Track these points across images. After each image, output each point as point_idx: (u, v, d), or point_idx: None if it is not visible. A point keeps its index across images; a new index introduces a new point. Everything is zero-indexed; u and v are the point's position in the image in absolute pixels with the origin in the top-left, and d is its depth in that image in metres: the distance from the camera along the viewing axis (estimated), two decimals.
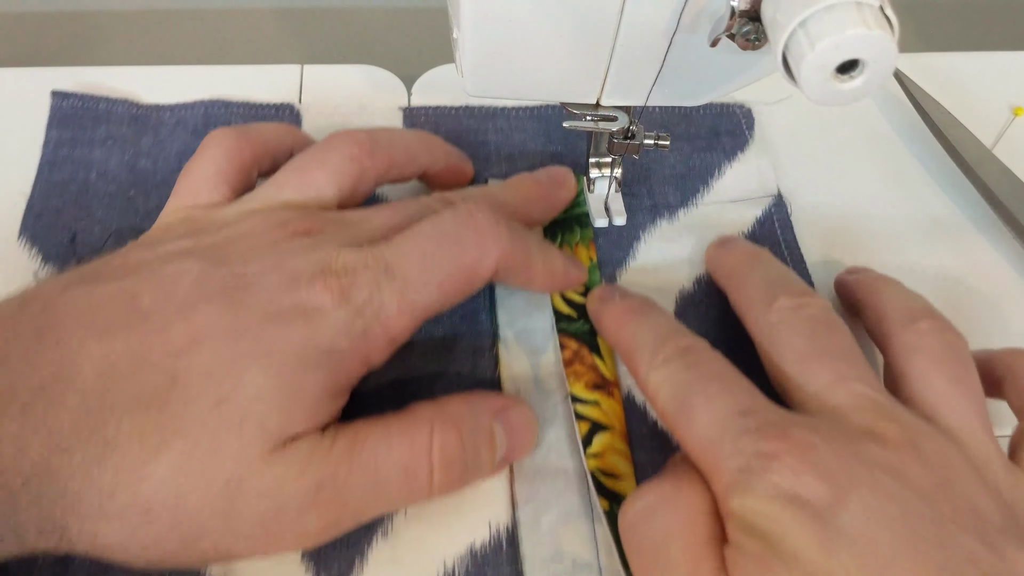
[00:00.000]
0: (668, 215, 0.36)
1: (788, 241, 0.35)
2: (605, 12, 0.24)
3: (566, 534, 0.27)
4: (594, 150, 0.34)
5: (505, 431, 0.27)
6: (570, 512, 0.28)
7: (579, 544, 0.27)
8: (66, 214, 0.34)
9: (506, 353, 0.31)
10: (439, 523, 0.28)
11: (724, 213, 0.36)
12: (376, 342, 0.25)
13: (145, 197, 0.35)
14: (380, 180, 0.31)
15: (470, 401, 0.27)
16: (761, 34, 0.23)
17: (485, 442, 0.27)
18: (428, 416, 0.26)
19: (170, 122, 0.37)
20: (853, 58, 0.20)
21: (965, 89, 0.41)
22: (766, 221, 0.36)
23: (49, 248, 0.33)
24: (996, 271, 0.35)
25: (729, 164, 0.38)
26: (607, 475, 0.28)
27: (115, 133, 0.37)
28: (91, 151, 0.36)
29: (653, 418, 0.30)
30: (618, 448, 0.29)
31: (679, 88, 0.28)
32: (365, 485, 0.24)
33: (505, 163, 0.37)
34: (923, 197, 0.38)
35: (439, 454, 0.25)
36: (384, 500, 0.25)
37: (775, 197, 0.37)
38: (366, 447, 0.24)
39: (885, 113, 0.41)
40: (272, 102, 0.38)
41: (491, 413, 0.27)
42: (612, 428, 0.29)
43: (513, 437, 0.28)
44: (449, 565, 0.27)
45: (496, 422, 0.27)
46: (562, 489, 0.28)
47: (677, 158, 0.38)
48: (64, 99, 0.37)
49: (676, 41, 0.25)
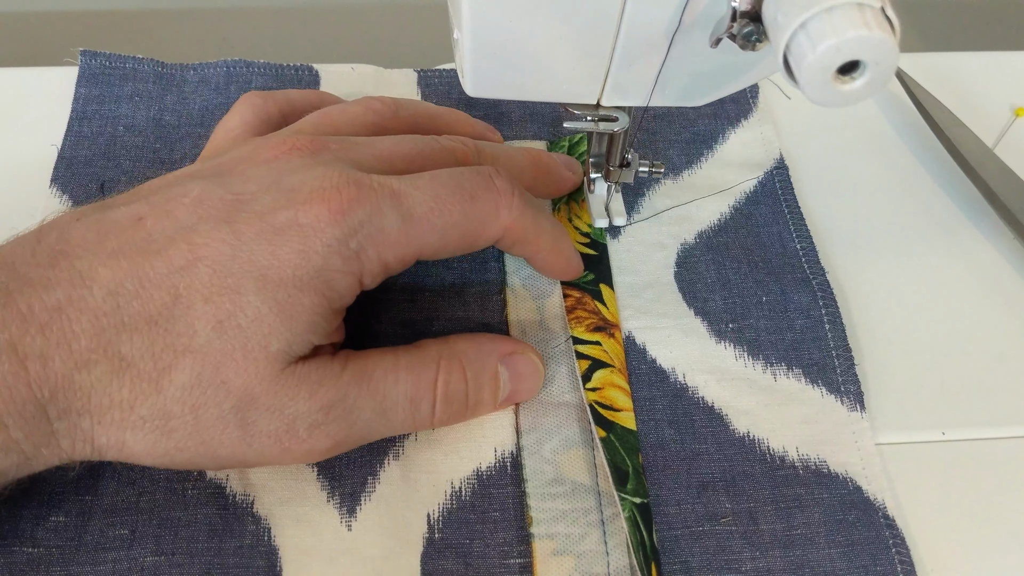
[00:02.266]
0: (673, 175, 0.38)
1: (789, 202, 0.37)
2: (605, 13, 0.24)
3: (566, 460, 0.29)
4: (594, 150, 0.34)
5: (510, 375, 0.28)
6: (570, 440, 0.29)
7: (578, 469, 0.29)
8: (95, 164, 0.36)
9: (513, 298, 0.33)
10: (449, 448, 0.29)
11: (727, 175, 0.38)
12: (370, 264, 0.25)
13: (169, 150, 0.37)
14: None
15: (478, 342, 0.28)
16: (762, 35, 0.22)
17: (488, 382, 0.28)
18: (436, 352, 0.27)
19: (193, 80, 0.39)
20: (854, 59, 0.20)
21: (966, 89, 0.41)
22: (768, 183, 0.37)
23: (79, 195, 0.35)
24: (996, 271, 0.35)
25: (733, 130, 0.39)
26: (605, 407, 0.30)
27: (141, 90, 0.39)
28: (118, 107, 0.38)
29: (652, 356, 0.32)
30: (617, 383, 0.30)
31: (680, 89, 0.28)
32: (372, 411, 0.25)
33: (517, 126, 0.39)
34: (923, 197, 0.38)
35: (443, 389, 0.27)
36: (388, 426, 0.26)
37: (778, 161, 0.38)
38: (375, 377, 0.26)
39: (886, 113, 0.41)
40: (292, 63, 0.40)
41: (498, 356, 0.28)
42: (612, 365, 0.31)
43: (517, 381, 0.29)
44: (456, 485, 0.28)
45: (502, 365, 0.28)
46: (563, 420, 0.30)
47: (683, 124, 0.39)
48: (93, 58, 0.39)
49: (677, 42, 0.25)
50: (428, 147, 0.29)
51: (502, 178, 0.28)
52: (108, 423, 0.23)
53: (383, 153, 0.28)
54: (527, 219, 0.28)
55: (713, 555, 0.27)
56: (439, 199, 0.26)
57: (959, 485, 0.29)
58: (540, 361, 0.30)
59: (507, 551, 0.27)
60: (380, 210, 0.25)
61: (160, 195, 0.25)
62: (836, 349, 0.32)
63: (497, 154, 0.31)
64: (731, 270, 0.34)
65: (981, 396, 0.31)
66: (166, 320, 0.23)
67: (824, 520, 0.28)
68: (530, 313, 0.32)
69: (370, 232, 0.25)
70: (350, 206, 0.24)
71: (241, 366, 0.23)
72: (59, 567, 0.26)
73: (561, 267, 0.31)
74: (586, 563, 0.26)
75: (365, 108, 0.31)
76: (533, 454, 0.29)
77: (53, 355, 0.22)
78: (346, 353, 0.26)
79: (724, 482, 0.29)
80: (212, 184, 0.25)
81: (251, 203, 0.25)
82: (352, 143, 0.28)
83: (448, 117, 0.34)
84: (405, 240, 0.26)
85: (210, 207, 0.25)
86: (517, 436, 0.29)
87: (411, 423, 0.27)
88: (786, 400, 0.31)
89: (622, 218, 0.35)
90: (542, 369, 0.30)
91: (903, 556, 0.27)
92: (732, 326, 0.32)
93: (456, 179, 0.27)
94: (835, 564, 0.27)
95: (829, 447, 0.29)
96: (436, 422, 0.27)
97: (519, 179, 0.30)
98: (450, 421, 0.28)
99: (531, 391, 0.29)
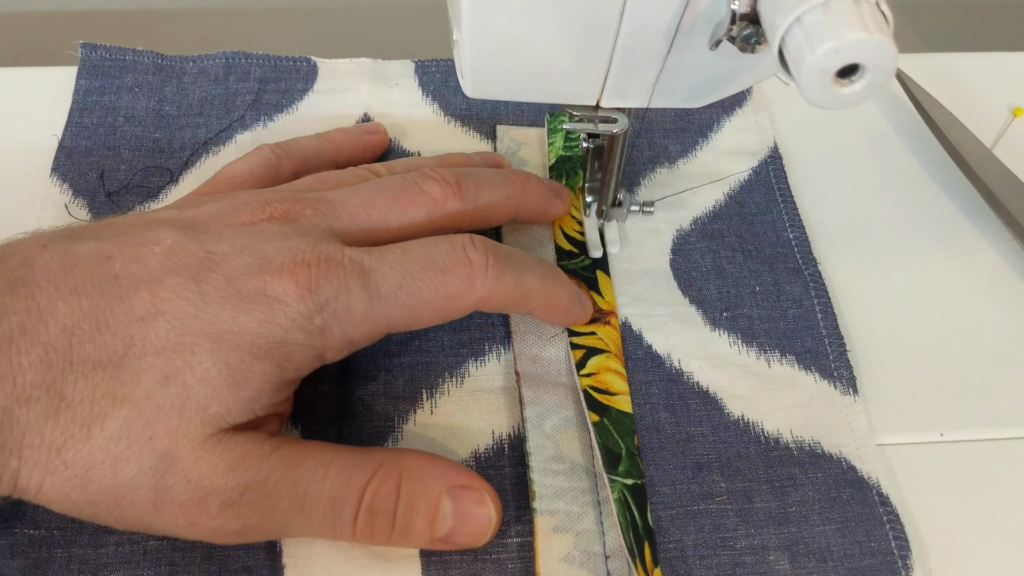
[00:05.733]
0: (667, 164, 0.38)
1: (783, 191, 0.37)
2: (605, 14, 0.24)
3: (564, 439, 0.29)
4: (590, 176, 0.35)
5: (454, 510, 0.25)
6: (568, 421, 0.30)
7: (576, 450, 0.29)
8: (95, 154, 0.36)
9: None
10: (447, 431, 0.29)
11: (722, 163, 0.38)
12: (333, 341, 0.25)
13: (169, 140, 0.37)
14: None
15: (430, 462, 0.26)
16: (761, 37, 0.22)
17: (424, 507, 0.25)
18: (377, 459, 0.25)
19: (193, 71, 0.39)
20: (853, 63, 0.20)
21: (965, 89, 0.41)
22: (762, 171, 0.38)
23: (79, 184, 0.35)
24: (994, 271, 0.35)
25: (728, 118, 0.40)
26: (600, 391, 0.30)
27: (141, 81, 0.39)
28: (118, 97, 0.38)
29: (648, 342, 0.32)
30: (613, 368, 0.31)
31: (679, 90, 0.28)
32: (291, 502, 0.24)
33: (514, 112, 0.39)
34: (923, 197, 0.38)
35: (370, 498, 0.24)
36: (307, 523, 0.24)
37: (772, 149, 0.38)
38: (304, 467, 0.24)
39: (885, 112, 0.41)
40: (290, 55, 0.40)
41: (446, 483, 0.25)
42: (608, 351, 0.31)
43: (461, 521, 0.25)
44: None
45: (447, 495, 0.25)
46: (561, 400, 0.30)
47: (677, 113, 0.40)
48: (93, 51, 0.39)
49: (676, 44, 0.25)
50: (406, 194, 0.28)
51: (476, 248, 0.27)
52: (33, 464, 0.22)
53: (359, 211, 0.28)
54: (506, 286, 0.27)
55: (708, 533, 0.28)
56: (409, 276, 0.26)
57: (957, 486, 0.29)
58: (495, 508, 0.26)
59: (505, 530, 0.27)
60: (348, 288, 0.25)
61: (132, 236, 0.25)
62: (828, 337, 0.32)
63: (480, 185, 0.30)
64: (725, 259, 0.34)
65: (979, 397, 0.32)
66: (113, 367, 0.23)
67: (818, 498, 0.28)
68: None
69: (336, 310, 0.25)
70: (318, 283, 0.24)
71: (172, 424, 0.23)
72: (61, 549, 0.26)
73: (559, 318, 0.31)
74: (584, 541, 0.27)
75: (363, 180, 0.30)
76: (535, 428, 0.29)
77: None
78: (284, 438, 0.25)
79: (719, 463, 0.29)
80: (186, 238, 0.25)
81: (222, 264, 0.24)
82: (329, 204, 0.27)
83: (448, 159, 0.34)
84: (372, 318, 0.25)
85: (180, 261, 0.24)
86: (520, 407, 0.29)
87: (331, 527, 0.24)
88: (780, 385, 0.31)
89: (616, 246, 0.35)
90: (495, 517, 0.26)
91: (897, 532, 0.27)
92: (726, 315, 0.33)
93: (428, 253, 0.26)
94: (829, 540, 0.27)
95: (823, 429, 0.30)
96: (358, 534, 0.24)
97: (503, 211, 0.30)
98: (374, 538, 0.25)
99: (476, 537, 0.25)
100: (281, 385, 0.25)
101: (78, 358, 0.23)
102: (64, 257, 0.24)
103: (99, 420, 0.22)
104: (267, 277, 0.24)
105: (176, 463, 0.23)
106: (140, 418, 0.23)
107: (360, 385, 0.30)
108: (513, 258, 0.28)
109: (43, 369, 0.22)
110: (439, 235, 0.28)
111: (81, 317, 0.23)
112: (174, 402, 0.23)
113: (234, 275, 0.24)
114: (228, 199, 0.28)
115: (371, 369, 0.31)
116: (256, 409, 0.24)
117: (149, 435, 0.23)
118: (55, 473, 0.22)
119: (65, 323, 0.23)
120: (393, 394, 0.30)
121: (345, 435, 0.29)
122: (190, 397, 0.23)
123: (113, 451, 0.23)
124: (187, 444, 0.23)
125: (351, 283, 0.25)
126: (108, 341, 0.23)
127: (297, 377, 0.25)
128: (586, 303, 0.31)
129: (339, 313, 0.25)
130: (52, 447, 0.22)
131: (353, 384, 0.30)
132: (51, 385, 0.22)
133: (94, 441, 0.22)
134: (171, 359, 0.23)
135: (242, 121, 0.38)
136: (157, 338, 0.23)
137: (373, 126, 0.37)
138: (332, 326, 0.25)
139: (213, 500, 0.23)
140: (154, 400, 0.23)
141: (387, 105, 0.39)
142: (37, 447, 0.22)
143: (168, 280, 0.24)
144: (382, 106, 0.39)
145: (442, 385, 0.31)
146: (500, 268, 0.27)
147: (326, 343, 0.25)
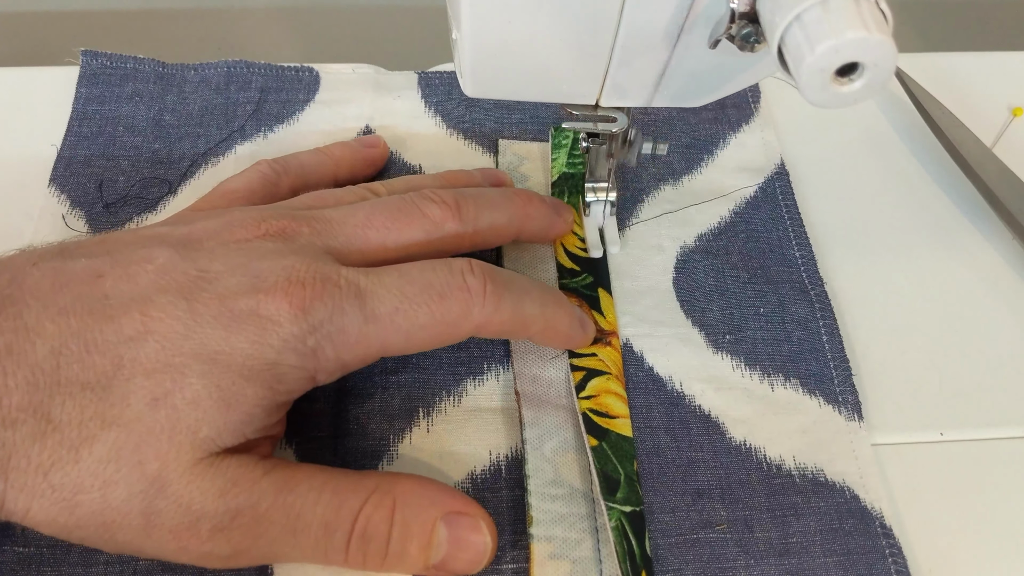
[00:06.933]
0: (672, 181, 0.37)
1: (790, 209, 0.36)
2: (604, 14, 0.24)
3: (564, 463, 0.29)
4: (590, 175, 0.34)
5: (450, 537, 0.25)
6: (567, 445, 0.29)
7: (575, 474, 0.29)
8: (94, 164, 0.36)
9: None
10: (443, 450, 0.29)
11: (728, 180, 0.37)
12: (326, 363, 0.25)
13: (168, 150, 0.37)
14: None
15: (425, 488, 0.25)
16: (760, 36, 0.22)
17: (418, 534, 0.24)
18: (372, 484, 0.25)
19: (194, 80, 0.39)
20: (853, 61, 0.20)
21: (965, 89, 0.41)
22: (768, 187, 0.37)
23: (77, 194, 0.35)
24: (995, 271, 0.35)
25: (734, 135, 0.39)
26: (600, 414, 0.29)
27: (141, 90, 0.39)
28: (119, 107, 0.38)
29: (649, 364, 0.32)
30: (614, 390, 0.30)
31: (679, 90, 0.28)
32: (282, 527, 0.23)
33: (517, 112, 0.39)
34: (923, 197, 0.38)
35: (363, 523, 0.24)
36: (298, 549, 0.24)
37: (779, 166, 0.38)
38: (296, 491, 0.24)
39: (885, 112, 0.41)
40: (292, 55, 0.40)
41: (441, 509, 0.25)
42: (608, 373, 0.31)
43: (457, 547, 0.25)
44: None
45: (442, 522, 0.25)
46: (561, 423, 0.30)
47: (683, 129, 0.39)
48: (94, 58, 0.39)
49: (676, 43, 0.25)
50: (404, 215, 0.28)
51: (475, 275, 0.26)
52: (19, 487, 0.22)
53: (357, 231, 0.27)
54: (504, 313, 0.27)
55: (707, 563, 0.27)
56: (406, 299, 0.25)
57: (957, 486, 0.29)
58: (491, 535, 0.25)
59: (500, 556, 0.27)
60: (342, 309, 0.24)
61: (124, 254, 0.25)
62: (833, 360, 0.32)
63: (480, 206, 0.30)
64: (730, 278, 0.34)
65: (979, 397, 0.31)
66: (102, 388, 0.22)
67: (820, 528, 0.28)
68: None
69: (329, 331, 0.24)
70: (312, 304, 0.24)
71: (163, 448, 0.22)
72: (50, 568, 0.26)
73: (560, 344, 0.30)
74: (581, 569, 0.26)
75: (362, 199, 0.30)
76: (535, 449, 0.28)
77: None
78: (277, 461, 0.24)
79: (720, 490, 0.28)
80: (179, 256, 0.25)
81: (214, 283, 0.24)
82: (326, 222, 0.27)
83: (448, 177, 0.33)
84: (366, 341, 0.25)
85: (172, 279, 0.24)
86: (520, 428, 0.29)
87: (323, 553, 0.24)
88: (783, 409, 0.31)
89: (616, 246, 0.34)
90: (490, 544, 0.25)
91: (899, 566, 0.27)
92: (729, 337, 0.32)
93: (426, 277, 0.26)
94: (831, 573, 0.27)
95: (826, 456, 0.29)
96: (350, 559, 0.24)
97: (504, 233, 0.29)
98: (367, 564, 0.24)
99: (471, 564, 0.25)
100: (272, 408, 0.24)
101: (66, 379, 0.22)
102: (54, 275, 0.24)
103: (87, 443, 0.22)
104: (260, 296, 0.24)
105: (166, 487, 0.22)
106: (129, 441, 0.22)
107: (356, 403, 0.30)
108: (512, 284, 0.27)
109: (30, 391, 0.22)
110: (437, 258, 0.27)
111: (69, 337, 0.23)
112: (164, 425, 0.22)
113: (227, 294, 0.24)
114: (223, 216, 0.27)
115: (367, 387, 0.30)
116: (247, 432, 0.24)
117: (139, 458, 0.22)
118: (42, 496, 0.22)
119: (53, 344, 0.22)
120: (389, 412, 0.30)
121: (340, 454, 0.29)
122: (180, 420, 0.23)
123: (102, 474, 0.22)
124: (177, 468, 0.22)
125: (346, 304, 0.24)
126: (96, 362, 0.23)
127: (288, 400, 0.25)
128: (588, 326, 0.31)
129: (333, 335, 0.24)
130: (39, 470, 0.22)
131: (348, 402, 0.30)
132: (38, 407, 0.22)
133: (82, 464, 0.22)
134: (161, 380, 0.23)
135: (242, 132, 0.38)
136: (147, 359, 0.23)
137: (373, 139, 0.37)
138: (325, 348, 0.24)
139: (204, 525, 0.23)
140: (144, 423, 0.22)
141: (389, 116, 0.39)
142: (23, 470, 0.22)
143: (159, 299, 0.23)
144: (384, 117, 0.39)
145: (439, 404, 0.30)
146: (498, 295, 0.26)
147: (318, 365, 0.25)
